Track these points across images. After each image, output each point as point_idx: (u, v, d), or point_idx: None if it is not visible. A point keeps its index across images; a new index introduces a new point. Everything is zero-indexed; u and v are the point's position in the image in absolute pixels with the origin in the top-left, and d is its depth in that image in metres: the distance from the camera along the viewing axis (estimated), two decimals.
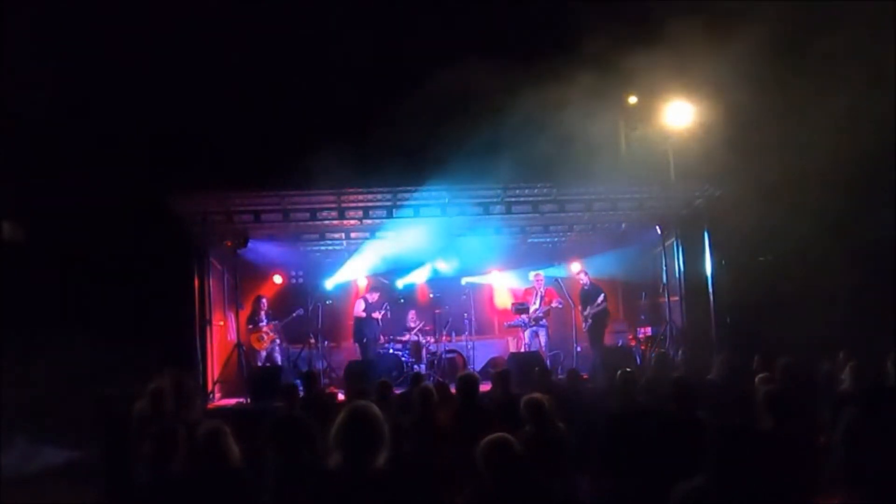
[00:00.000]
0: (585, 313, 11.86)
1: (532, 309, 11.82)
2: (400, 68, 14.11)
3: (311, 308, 11.97)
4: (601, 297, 11.90)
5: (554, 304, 11.75)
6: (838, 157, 9.87)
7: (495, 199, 11.06)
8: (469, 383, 5.64)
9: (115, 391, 7.45)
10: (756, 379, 6.01)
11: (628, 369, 5.92)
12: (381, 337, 12.31)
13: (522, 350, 11.83)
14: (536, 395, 4.96)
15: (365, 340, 11.89)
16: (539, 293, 11.89)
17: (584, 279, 12.27)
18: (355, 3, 13.86)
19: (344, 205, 10.95)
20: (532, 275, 12.26)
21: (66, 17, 10.90)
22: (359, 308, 12.08)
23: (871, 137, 10.06)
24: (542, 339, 11.70)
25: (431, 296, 13.61)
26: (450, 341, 12.55)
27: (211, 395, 9.98)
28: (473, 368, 11.71)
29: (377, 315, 12.05)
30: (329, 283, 13.05)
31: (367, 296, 12.18)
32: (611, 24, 10.49)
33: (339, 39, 13.21)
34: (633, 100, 14.95)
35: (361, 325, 12.03)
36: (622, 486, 4.74)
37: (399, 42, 13.69)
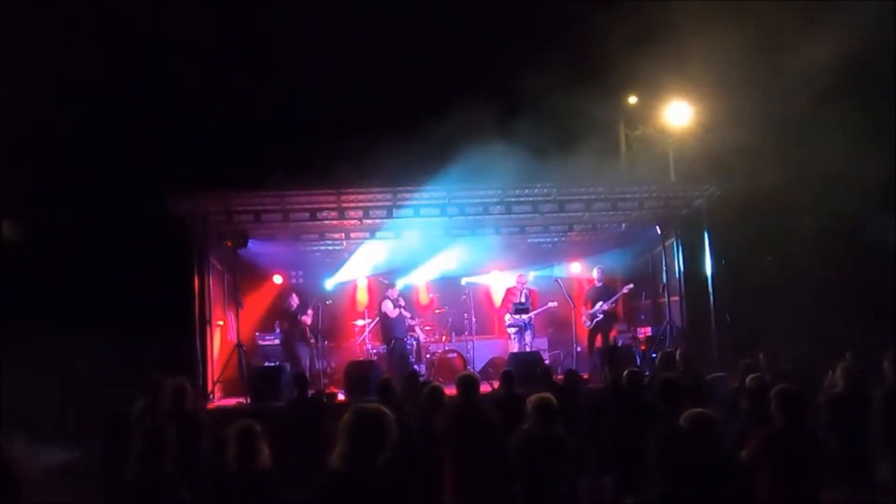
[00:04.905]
0: (594, 310, 11.75)
1: None
2: (399, 68, 14.14)
3: (311, 308, 11.93)
4: (627, 288, 11.84)
5: (538, 310, 11.90)
6: (838, 156, 9.89)
7: (495, 199, 11.05)
8: (468, 384, 5.61)
9: (115, 391, 7.43)
10: (747, 379, 6.00)
11: (634, 369, 5.93)
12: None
13: (521, 350, 11.82)
14: (545, 394, 4.92)
15: (393, 342, 11.28)
16: (523, 293, 11.90)
17: (597, 277, 12.20)
18: (353, 3, 13.89)
19: (344, 205, 10.93)
20: (516, 275, 12.34)
21: (68, 17, 10.90)
22: (388, 307, 11.44)
23: (870, 137, 10.07)
24: (528, 338, 11.73)
25: (431, 296, 13.60)
26: (450, 341, 12.55)
27: (211, 395, 9.97)
28: (473, 368, 11.70)
29: (407, 314, 11.68)
30: (329, 283, 13.03)
31: (389, 293, 11.70)
32: (611, 25, 10.51)
33: (339, 40, 13.22)
34: (633, 100, 15.02)
35: (391, 324, 11.36)
36: (623, 485, 4.74)
37: (398, 42, 13.72)
